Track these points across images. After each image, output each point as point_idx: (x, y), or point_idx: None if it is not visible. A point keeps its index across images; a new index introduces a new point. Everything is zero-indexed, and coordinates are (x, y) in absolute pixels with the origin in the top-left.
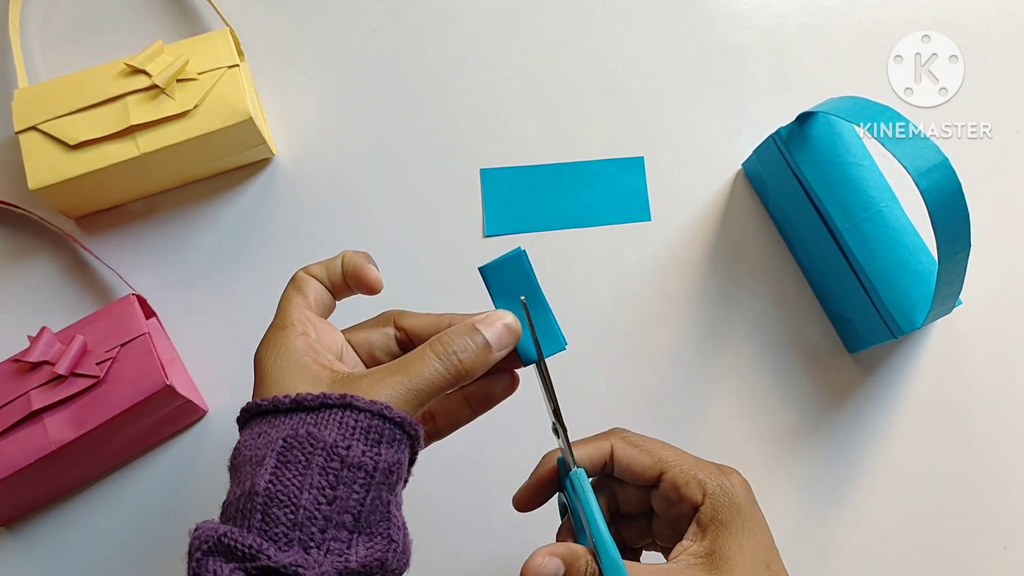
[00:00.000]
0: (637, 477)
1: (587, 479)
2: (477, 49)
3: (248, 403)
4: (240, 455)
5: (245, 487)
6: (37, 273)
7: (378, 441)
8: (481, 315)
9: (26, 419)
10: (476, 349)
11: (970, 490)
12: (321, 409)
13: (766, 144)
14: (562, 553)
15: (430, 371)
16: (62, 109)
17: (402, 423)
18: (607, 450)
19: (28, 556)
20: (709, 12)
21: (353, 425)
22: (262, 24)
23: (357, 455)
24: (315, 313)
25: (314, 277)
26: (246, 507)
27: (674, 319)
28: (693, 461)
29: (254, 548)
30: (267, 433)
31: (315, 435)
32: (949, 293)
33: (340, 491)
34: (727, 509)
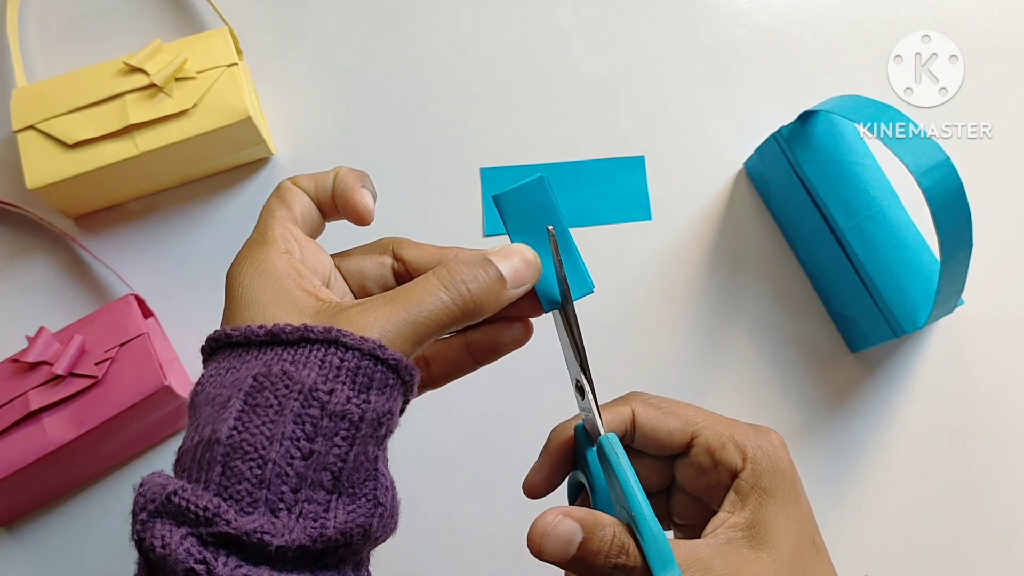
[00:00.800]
0: (663, 445)
1: (619, 442)
2: (477, 49)
3: (216, 331)
4: (202, 393)
5: (204, 434)
6: (35, 273)
7: (367, 386)
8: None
9: (24, 419)
10: (488, 281)
11: (972, 489)
12: (301, 344)
13: (768, 143)
14: (581, 518)
15: (433, 301)
16: (60, 108)
17: (396, 366)
18: (627, 416)
19: (27, 556)
20: (710, 11)
21: (338, 365)
22: (261, 23)
23: (341, 402)
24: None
25: (302, 189)
26: (204, 458)
27: (675, 319)
28: (726, 422)
29: (211, 510)
30: (235, 369)
31: (291, 375)
32: (951, 292)
33: (318, 444)
34: (771, 475)
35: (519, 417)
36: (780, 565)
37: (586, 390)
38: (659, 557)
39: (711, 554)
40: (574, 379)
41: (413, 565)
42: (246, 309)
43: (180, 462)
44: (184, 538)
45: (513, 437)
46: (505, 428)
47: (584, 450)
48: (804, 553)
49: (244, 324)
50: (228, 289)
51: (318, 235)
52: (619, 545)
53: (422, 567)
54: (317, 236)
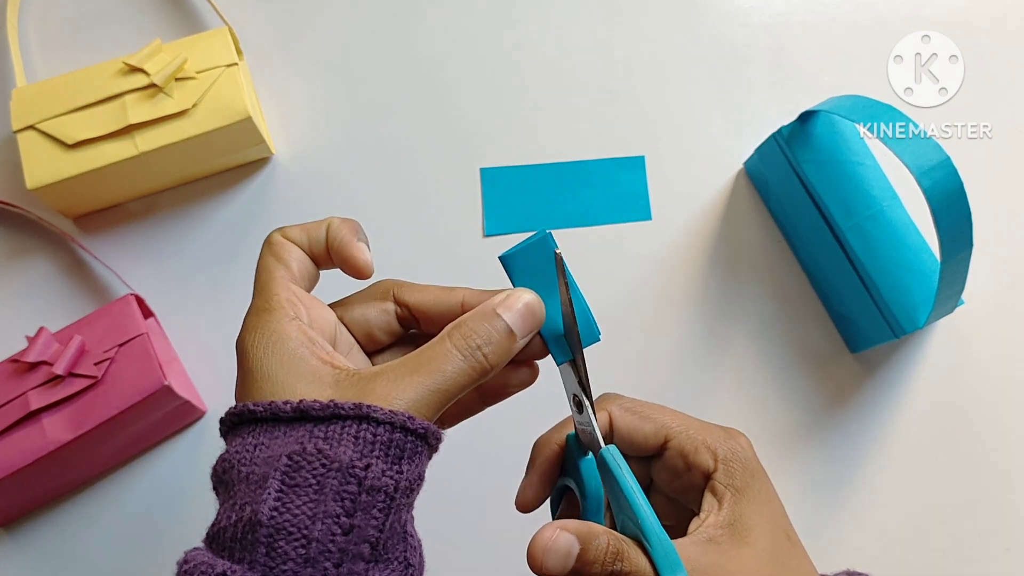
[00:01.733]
0: (639, 447)
1: (620, 454)
2: (477, 48)
3: (237, 406)
4: (231, 470)
5: (244, 514)
6: (35, 273)
7: (399, 457)
8: (500, 296)
9: (24, 419)
10: (500, 340)
11: (972, 491)
12: (332, 420)
13: (767, 143)
14: (576, 529)
15: (452, 369)
16: (60, 108)
17: (425, 434)
18: (605, 420)
19: (26, 557)
20: (710, 10)
21: (371, 440)
22: (261, 23)
23: (377, 475)
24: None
25: (294, 243)
26: (246, 539)
27: (675, 319)
28: (699, 425)
29: None
30: (265, 446)
31: (327, 453)
32: (951, 293)
33: (358, 519)
34: (742, 475)
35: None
36: (761, 559)
37: (585, 406)
38: (667, 562)
39: (697, 552)
40: (571, 394)
41: None
42: (264, 382)
43: (218, 540)
44: None
45: (498, 437)
46: (489, 427)
47: (576, 459)
48: (781, 547)
49: (265, 399)
50: (242, 360)
51: (314, 287)
52: (614, 552)
53: None
54: (313, 288)
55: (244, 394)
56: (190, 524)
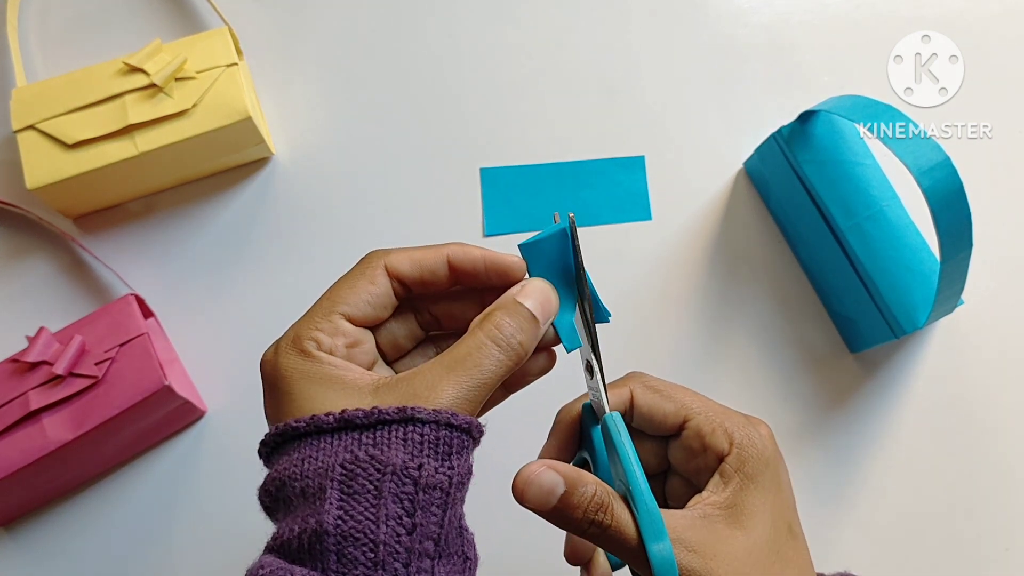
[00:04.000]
0: (658, 426)
1: (622, 421)
2: (477, 48)
3: (278, 426)
4: (286, 486)
5: (308, 524)
6: (35, 273)
7: (448, 454)
8: (516, 287)
9: (24, 419)
10: (528, 327)
11: (972, 491)
12: (377, 426)
13: (767, 143)
14: (565, 472)
15: (491, 362)
16: (60, 108)
17: (469, 428)
18: (627, 397)
19: (26, 557)
20: (710, 10)
21: (419, 440)
22: (261, 23)
23: (431, 473)
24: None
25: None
26: (315, 549)
27: (675, 319)
28: (720, 409)
29: None
30: (314, 459)
31: (379, 458)
32: (951, 293)
33: (419, 517)
34: (755, 462)
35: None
36: (753, 544)
37: (595, 369)
38: (652, 528)
39: (685, 524)
40: (585, 359)
41: None
42: (302, 401)
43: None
44: None
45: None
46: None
47: (589, 429)
48: (779, 537)
49: (304, 414)
50: (276, 383)
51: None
52: (598, 503)
53: None
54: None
55: (280, 416)
56: (190, 524)
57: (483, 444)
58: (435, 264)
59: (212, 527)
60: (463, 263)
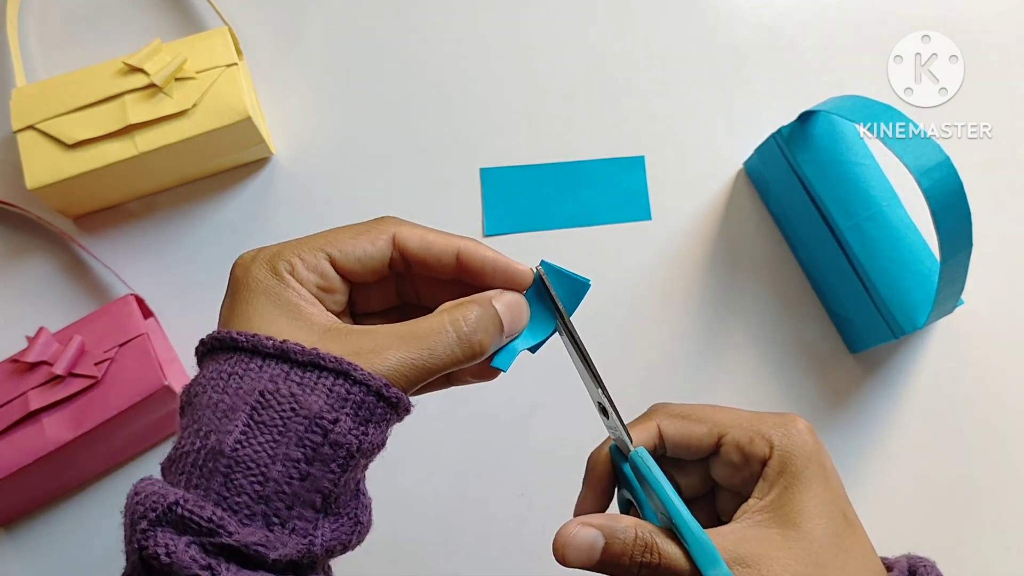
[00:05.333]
0: (695, 450)
1: (649, 455)
2: (477, 48)
3: (220, 331)
4: (203, 394)
5: (208, 442)
6: (35, 273)
7: (367, 420)
8: (497, 291)
9: (24, 419)
10: (493, 330)
11: (973, 490)
12: (310, 367)
13: (767, 143)
14: (601, 523)
15: (444, 349)
16: (60, 108)
17: (396, 403)
18: (654, 431)
19: (26, 557)
20: (710, 10)
21: (344, 396)
22: (261, 23)
23: (343, 432)
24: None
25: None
26: (206, 467)
27: (675, 319)
28: (751, 416)
29: (214, 522)
30: (239, 376)
31: (299, 397)
32: (951, 293)
33: (315, 468)
34: (798, 459)
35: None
36: (812, 541)
37: (608, 410)
38: (705, 556)
39: (736, 540)
40: (596, 401)
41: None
42: (253, 315)
43: (177, 464)
44: (188, 546)
45: (522, 433)
46: (512, 425)
47: (621, 467)
48: (838, 528)
49: (251, 330)
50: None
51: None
52: (642, 544)
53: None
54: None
55: (228, 320)
56: None
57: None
58: (443, 252)
59: None
60: (472, 260)
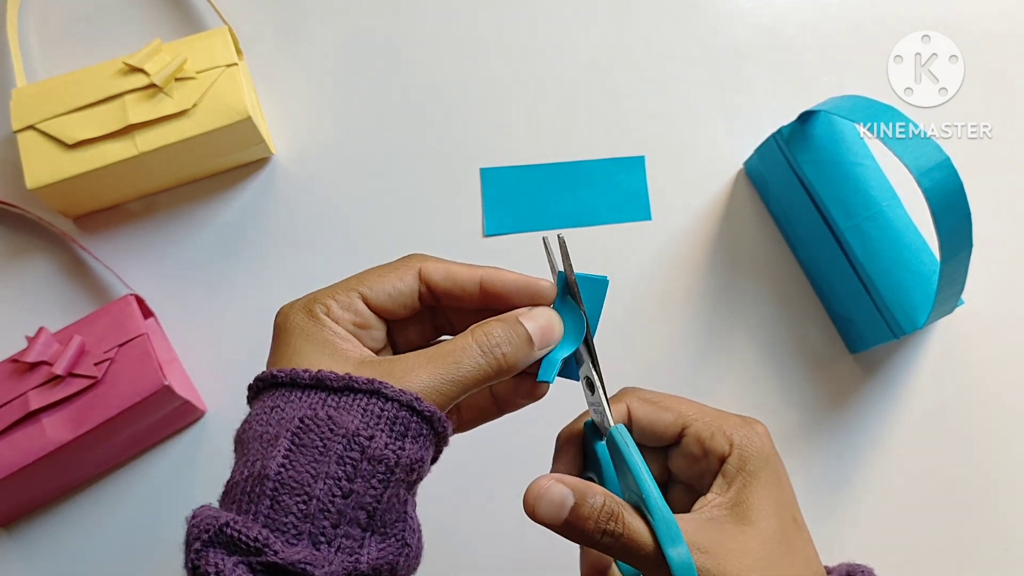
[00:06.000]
0: (658, 436)
1: (628, 434)
2: (477, 48)
3: (263, 372)
4: (250, 429)
5: (254, 469)
6: (35, 273)
7: (403, 434)
8: (525, 308)
9: (24, 419)
10: (519, 344)
11: (971, 491)
12: (345, 392)
13: (767, 143)
14: (574, 484)
15: (470, 363)
16: (60, 108)
17: (431, 418)
18: (624, 412)
19: (26, 557)
20: (710, 11)
21: (378, 414)
22: (261, 23)
23: (379, 447)
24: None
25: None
26: (254, 491)
27: (675, 319)
28: (715, 413)
29: (260, 541)
30: (281, 409)
31: (336, 419)
32: (951, 293)
33: (357, 484)
34: (755, 460)
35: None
36: (764, 539)
37: (596, 385)
38: (668, 533)
39: (694, 528)
40: (584, 376)
41: None
42: (293, 355)
43: (229, 494)
44: (236, 566)
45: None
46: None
47: (593, 445)
48: (787, 529)
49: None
50: (277, 333)
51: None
52: (608, 512)
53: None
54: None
55: (271, 364)
56: None
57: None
58: (467, 281)
59: None
60: (494, 285)
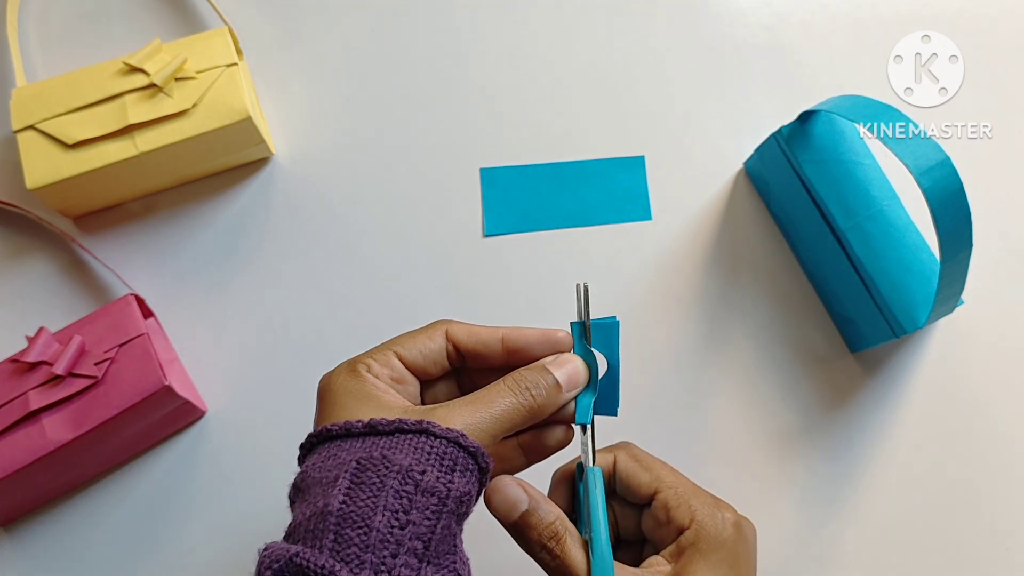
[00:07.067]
0: (633, 493)
1: (601, 477)
2: (477, 49)
3: (316, 429)
4: (308, 477)
5: (317, 507)
6: (35, 273)
7: (452, 468)
8: (551, 356)
9: (24, 419)
10: (548, 388)
11: (972, 490)
12: (396, 433)
13: (768, 143)
14: (533, 494)
15: (505, 403)
16: (60, 108)
17: (475, 453)
18: (611, 462)
19: (26, 557)
20: (710, 10)
21: (428, 451)
22: (261, 23)
23: (431, 480)
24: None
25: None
26: (318, 527)
27: (675, 319)
28: (691, 487)
29: (326, 569)
30: (337, 456)
31: (390, 458)
32: (951, 292)
33: (413, 515)
34: (710, 540)
35: None
36: None
37: (588, 427)
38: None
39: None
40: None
41: None
42: (342, 412)
43: (294, 534)
44: None
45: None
46: None
47: (578, 486)
48: None
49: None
50: (325, 396)
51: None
52: (553, 532)
53: None
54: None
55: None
56: (190, 524)
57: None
58: (490, 339)
59: (212, 527)
60: (516, 342)
